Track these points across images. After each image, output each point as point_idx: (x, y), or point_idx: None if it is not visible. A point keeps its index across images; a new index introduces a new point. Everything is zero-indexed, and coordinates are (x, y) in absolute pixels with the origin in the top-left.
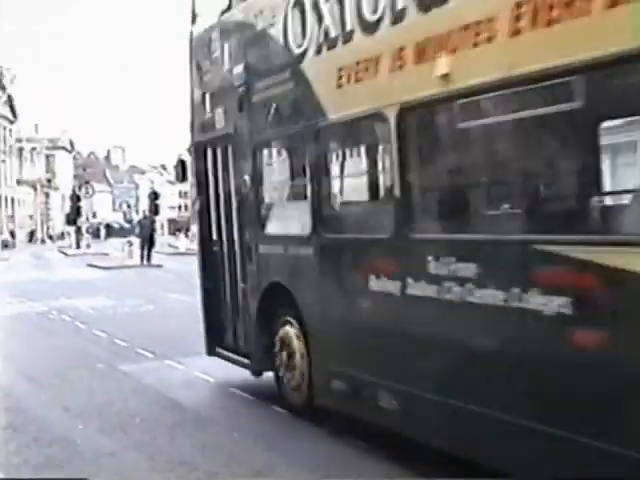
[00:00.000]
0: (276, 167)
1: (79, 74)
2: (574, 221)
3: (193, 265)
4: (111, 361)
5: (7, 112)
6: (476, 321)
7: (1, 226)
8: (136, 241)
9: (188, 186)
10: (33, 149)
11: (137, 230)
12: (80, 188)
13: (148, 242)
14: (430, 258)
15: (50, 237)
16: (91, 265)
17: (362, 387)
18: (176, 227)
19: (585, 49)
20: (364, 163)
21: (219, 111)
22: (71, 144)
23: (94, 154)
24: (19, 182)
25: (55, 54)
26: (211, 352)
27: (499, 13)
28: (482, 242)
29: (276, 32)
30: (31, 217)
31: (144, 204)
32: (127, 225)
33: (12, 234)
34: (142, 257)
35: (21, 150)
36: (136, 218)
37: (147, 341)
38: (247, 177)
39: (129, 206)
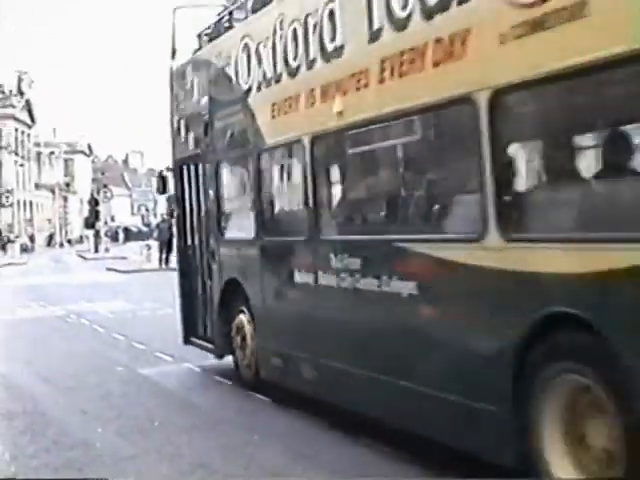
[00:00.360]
0: (231, 183)
1: (95, 77)
2: (418, 225)
3: None
4: (130, 364)
5: (25, 117)
6: (362, 304)
7: (20, 230)
8: (154, 244)
9: None
10: (51, 153)
11: (155, 233)
12: (98, 192)
13: (167, 245)
14: (332, 255)
15: (69, 241)
16: (110, 269)
17: (291, 361)
18: None
19: (421, 97)
20: (290, 180)
21: (191, 135)
22: (89, 148)
23: (112, 158)
24: (37, 186)
25: (61, 55)
26: (186, 342)
27: (371, 66)
28: (363, 241)
29: (230, 71)
30: (50, 221)
31: (162, 207)
32: (145, 229)
33: (31, 238)
34: (160, 260)
35: (39, 154)
36: (154, 221)
37: (166, 344)
38: (211, 191)
39: (147, 209)
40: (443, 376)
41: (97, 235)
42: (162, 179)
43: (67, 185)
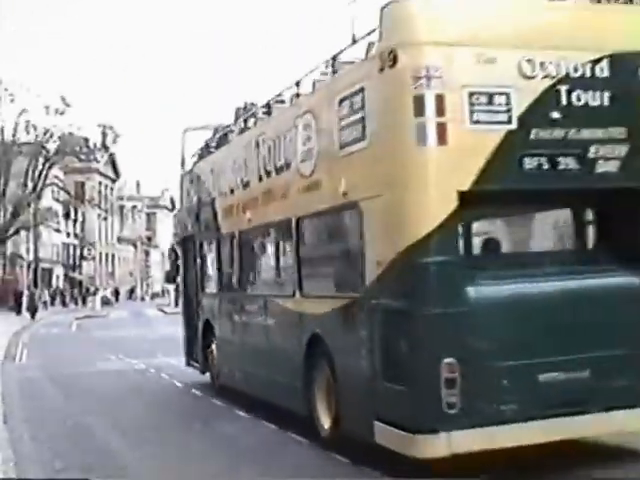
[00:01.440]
0: (208, 254)
1: (177, 132)
2: (274, 287)
3: None
4: (208, 422)
5: (109, 171)
6: (251, 331)
7: (101, 283)
8: None
9: None
10: (134, 207)
11: None
12: None
13: None
14: (241, 303)
15: (151, 295)
16: None
17: (232, 371)
18: None
19: (274, 217)
20: (231, 255)
21: (189, 220)
22: (172, 202)
23: None
24: (120, 240)
25: (146, 110)
26: (188, 364)
27: (259, 196)
28: (253, 295)
29: (207, 183)
30: (131, 274)
31: None
32: None
33: (116, 291)
34: None
35: (122, 208)
36: None
37: (246, 400)
38: (198, 259)
39: None
40: (277, 368)
41: (177, 289)
42: (174, 252)
43: (149, 239)
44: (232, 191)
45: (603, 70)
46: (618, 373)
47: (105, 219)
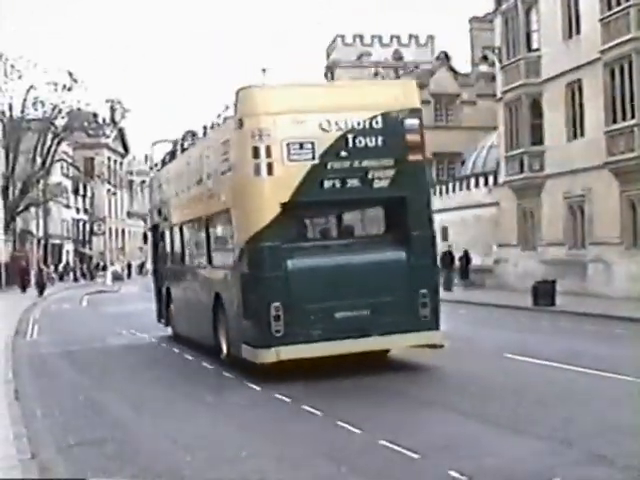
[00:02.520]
0: (166, 238)
1: (190, 105)
2: (199, 260)
3: None
4: (219, 394)
5: (118, 146)
6: (190, 295)
7: (112, 258)
8: None
9: None
10: (143, 182)
11: None
12: None
13: None
14: (182, 273)
15: None
16: None
17: (179, 323)
18: None
19: (196, 214)
20: (177, 239)
21: (155, 213)
22: None
23: None
24: (129, 214)
25: (157, 84)
26: (158, 321)
27: (188, 198)
28: (187, 267)
29: (166, 186)
30: (141, 249)
31: None
32: None
33: (129, 266)
34: None
35: (131, 183)
36: None
37: (253, 372)
38: (160, 243)
39: None
40: (200, 317)
41: None
42: (145, 235)
43: None
44: (177, 194)
45: (378, 123)
46: (388, 312)
47: (114, 194)
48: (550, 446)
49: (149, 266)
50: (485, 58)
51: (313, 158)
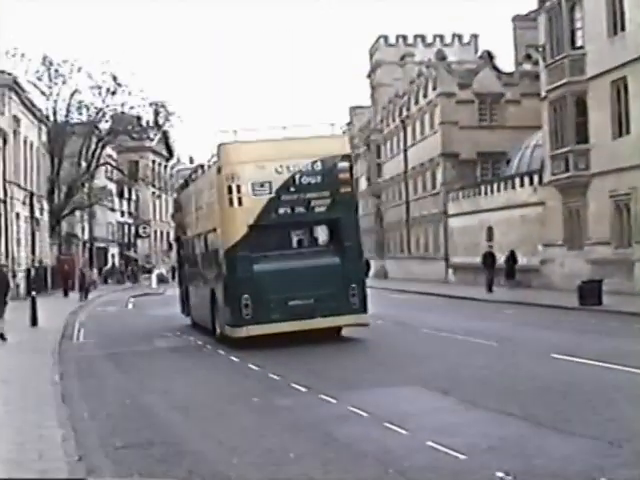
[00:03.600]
0: (185, 248)
1: (234, 111)
2: (202, 265)
3: None
4: (265, 395)
5: (162, 149)
6: (199, 290)
7: (157, 261)
8: None
9: None
10: None
11: None
12: None
13: None
14: (194, 275)
15: None
16: None
17: (196, 314)
18: None
19: (200, 230)
20: (195, 248)
21: (177, 226)
22: None
23: None
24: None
25: (201, 86)
26: (182, 312)
27: (195, 217)
28: (197, 270)
29: (188, 203)
30: None
31: None
32: None
33: (174, 269)
34: None
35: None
36: None
37: (301, 375)
38: (182, 251)
39: None
40: (204, 306)
41: None
42: (170, 245)
43: None
44: (188, 214)
45: (318, 166)
46: (328, 301)
47: (159, 197)
48: (599, 447)
49: None
50: (529, 57)
51: (270, 192)
